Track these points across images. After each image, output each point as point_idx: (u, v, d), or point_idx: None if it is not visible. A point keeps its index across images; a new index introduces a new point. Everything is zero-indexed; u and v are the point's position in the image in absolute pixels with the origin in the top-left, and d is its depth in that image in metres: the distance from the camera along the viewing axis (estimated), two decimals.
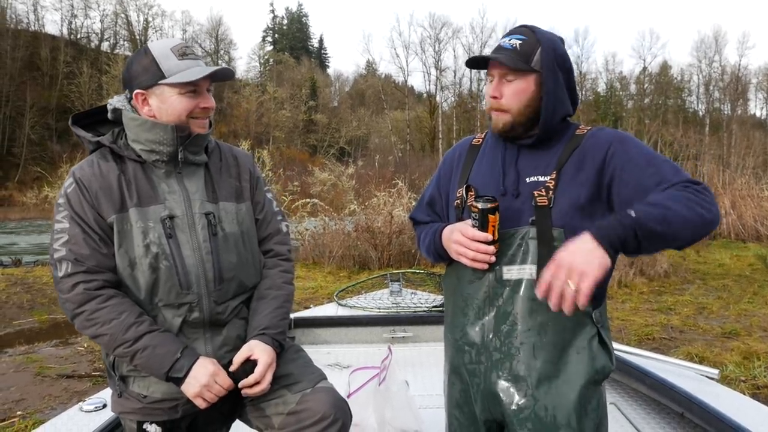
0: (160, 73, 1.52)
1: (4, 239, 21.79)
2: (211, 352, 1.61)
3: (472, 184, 1.54)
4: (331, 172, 24.52)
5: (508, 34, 1.48)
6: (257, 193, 1.78)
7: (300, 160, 44.53)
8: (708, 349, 5.52)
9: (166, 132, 1.55)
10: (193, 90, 1.56)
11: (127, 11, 62.56)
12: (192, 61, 1.56)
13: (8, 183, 46.96)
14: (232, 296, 1.65)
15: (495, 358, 1.47)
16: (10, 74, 50.88)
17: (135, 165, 1.59)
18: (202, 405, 1.55)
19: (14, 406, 4.44)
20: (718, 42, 53.45)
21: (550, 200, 1.41)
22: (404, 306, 3.88)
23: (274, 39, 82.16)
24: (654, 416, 2.47)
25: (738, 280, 9.37)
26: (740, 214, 14.95)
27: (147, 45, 1.58)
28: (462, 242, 1.44)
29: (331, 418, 1.57)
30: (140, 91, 1.56)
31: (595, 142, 1.45)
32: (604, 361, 1.46)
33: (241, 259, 1.66)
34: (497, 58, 1.43)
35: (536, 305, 1.42)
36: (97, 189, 1.53)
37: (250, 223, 1.72)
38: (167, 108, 1.55)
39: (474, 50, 57.64)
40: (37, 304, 8.03)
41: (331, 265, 10.91)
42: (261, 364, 1.57)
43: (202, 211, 1.60)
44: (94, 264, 1.50)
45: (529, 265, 1.42)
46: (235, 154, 1.78)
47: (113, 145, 1.58)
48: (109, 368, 1.62)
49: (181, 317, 1.57)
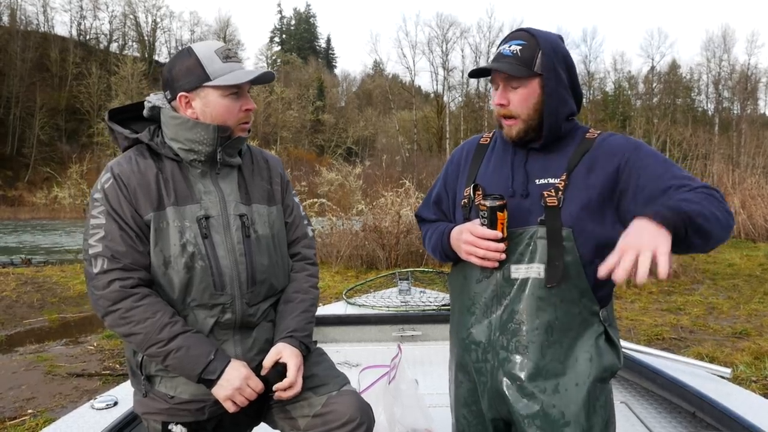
0: (205, 75, 1.52)
1: (15, 239, 21.96)
2: (241, 355, 1.60)
3: (479, 183, 1.55)
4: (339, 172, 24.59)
5: (507, 40, 1.47)
6: (287, 196, 1.78)
7: (307, 160, 44.62)
8: (718, 350, 5.48)
9: (207, 132, 1.54)
10: (236, 92, 1.56)
11: (136, 12, 63.01)
12: (236, 63, 1.56)
13: (18, 183, 47.36)
14: (263, 298, 1.65)
15: (501, 357, 1.47)
16: (20, 75, 51.34)
17: (172, 164, 1.58)
18: (231, 408, 1.54)
19: (25, 404, 4.47)
20: (726, 41, 53.10)
21: (560, 201, 1.42)
22: (413, 305, 3.87)
23: (282, 39, 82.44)
24: (665, 415, 2.45)
25: (748, 280, 9.30)
26: (750, 214, 14.86)
27: (191, 46, 1.57)
28: (472, 241, 1.44)
29: (357, 421, 1.57)
30: (184, 94, 1.55)
31: (608, 148, 1.45)
32: (611, 359, 1.46)
33: (272, 262, 1.66)
34: (500, 68, 1.43)
35: (543, 304, 1.42)
36: (135, 185, 1.51)
37: (280, 226, 1.72)
38: (211, 110, 1.55)
39: (482, 50, 57.51)
40: (48, 303, 8.09)
41: (339, 265, 10.93)
42: (292, 367, 1.57)
43: (236, 213, 1.60)
44: (130, 261, 1.49)
45: (536, 264, 1.42)
46: (266, 158, 1.79)
47: (151, 142, 1.58)
48: (135, 368, 1.60)
49: (213, 318, 1.56)
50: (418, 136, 58.17)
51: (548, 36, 1.46)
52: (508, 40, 1.48)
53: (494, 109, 1.51)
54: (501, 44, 1.48)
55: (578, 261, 1.41)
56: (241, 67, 1.57)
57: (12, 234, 24.51)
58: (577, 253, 1.40)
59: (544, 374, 1.43)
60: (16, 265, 11.29)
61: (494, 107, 1.50)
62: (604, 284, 1.45)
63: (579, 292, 1.42)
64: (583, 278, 1.42)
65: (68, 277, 9.50)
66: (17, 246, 18.81)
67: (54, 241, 20.14)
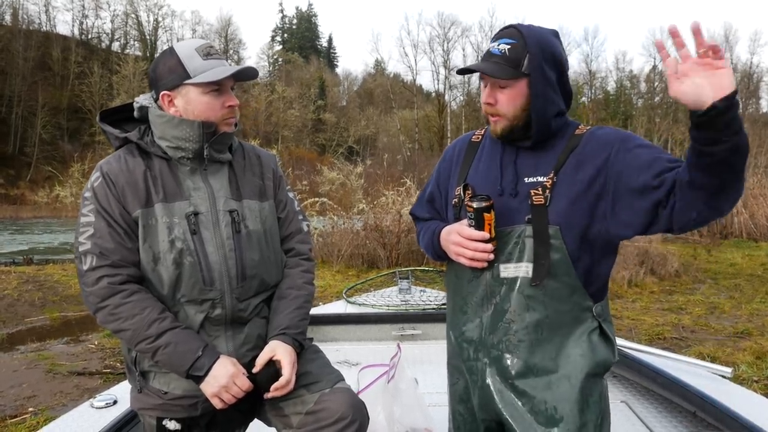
0: (186, 74, 1.54)
1: (16, 237, 21.99)
2: (233, 350, 1.61)
3: (469, 183, 1.55)
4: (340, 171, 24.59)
5: (497, 38, 1.46)
6: (280, 192, 1.79)
7: (308, 159, 44.64)
8: (720, 349, 5.48)
9: (192, 128, 1.56)
10: (216, 89, 1.57)
11: (138, 11, 63.00)
12: (216, 60, 1.57)
13: (20, 182, 47.40)
14: (254, 294, 1.66)
15: (493, 355, 1.48)
16: (22, 74, 51.35)
17: (161, 161, 1.60)
18: (219, 405, 1.55)
19: (26, 402, 4.48)
20: (729, 40, 52.98)
21: (547, 199, 1.42)
22: (413, 304, 3.87)
23: (283, 38, 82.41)
24: (666, 415, 2.45)
25: (750, 280, 9.29)
26: (752, 213, 14.83)
27: (173, 46, 1.59)
28: (460, 242, 1.45)
29: (349, 419, 1.57)
30: (166, 92, 1.57)
31: (596, 142, 1.44)
32: (605, 354, 1.46)
33: (264, 257, 1.67)
34: (485, 70, 1.42)
35: (532, 302, 1.42)
36: (123, 183, 1.54)
37: (272, 221, 1.72)
38: (193, 108, 1.57)
39: (483, 48, 57.34)
40: (49, 301, 8.10)
41: (340, 264, 10.93)
42: (286, 365, 1.58)
43: (226, 209, 1.61)
44: (119, 258, 1.51)
45: (525, 263, 1.43)
46: (258, 154, 1.80)
47: (140, 141, 1.60)
48: (130, 364, 1.62)
49: (203, 314, 1.57)
50: (419, 135, 58.16)
51: (538, 34, 1.43)
52: (498, 37, 1.47)
53: (482, 107, 1.51)
54: (492, 40, 1.48)
55: (567, 258, 1.40)
56: (222, 64, 1.58)
57: (14, 232, 24.54)
58: (565, 250, 1.40)
59: (535, 372, 1.43)
60: (18, 264, 11.30)
61: (482, 105, 1.50)
62: (596, 280, 1.46)
63: (569, 289, 1.42)
64: (572, 275, 1.41)
65: (69, 275, 9.51)
66: (19, 244, 18.83)
67: (55, 240, 20.16)
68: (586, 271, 1.43)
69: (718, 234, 14.37)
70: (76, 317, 7.60)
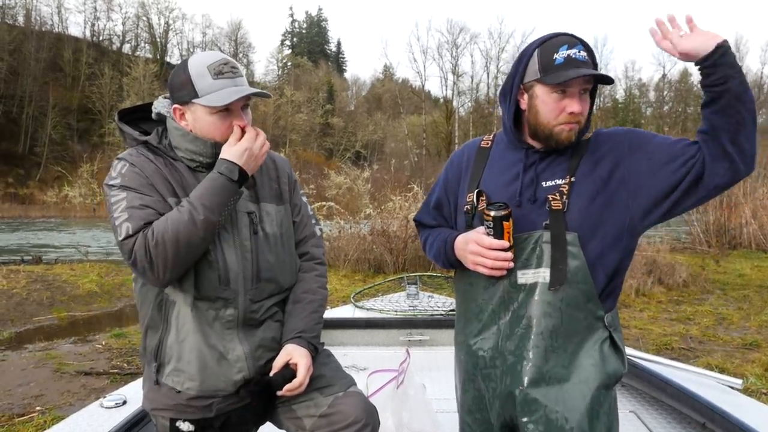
0: (194, 92, 1.52)
1: (25, 237, 22.13)
2: (249, 352, 1.60)
3: (483, 189, 1.53)
4: (347, 176, 24.59)
5: (572, 45, 1.40)
6: (294, 195, 1.80)
7: (316, 164, 44.74)
8: (728, 360, 5.43)
9: (206, 147, 1.57)
10: (225, 110, 1.54)
11: (149, 14, 63.58)
12: (228, 80, 1.52)
13: (30, 182, 47.78)
14: (268, 296, 1.66)
15: (510, 362, 1.47)
16: (33, 75, 51.86)
17: (180, 164, 1.60)
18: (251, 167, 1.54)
19: (33, 401, 4.50)
20: (740, 50, 52.78)
21: (564, 204, 1.42)
22: (421, 309, 3.87)
23: (293, 43, 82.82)
24: (675, 425, 2.43)
25: (759, 291, 9.21)
26: (761, 224, 14.70)
27: (187, 60, 1.57)
28: (479, 252, 1.44)
29: (362, 422, 1.58)
30: (178, 107, 1.58)
31: (609, 139, 1.49)
32: (616, 365, 1.46)
33: (279, 260, 1.67)
34: (605, 78, 1.42)
35: (550, 309, 1.42)
36: (151, 172, 1.53)
37: (288, 225, 1.73)
38: (201, 127, 1.56)
39: (492, 55, 57.35)
40: (57, 301, 8.15)
41: (347, 269, 10.93)
42: (302, 368, 1.59)
43: (244, 210, 1.61)
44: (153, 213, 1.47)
45: (543, 269, 1.42)
46: (273, 158, 1.80)
47: (159, 145, 1.60)
48: (149, 354, 1.61)
49: (215, 312, 1.57)
50: (426, 140, 58.18)
51: None
52: (572, 45, 1.40)
53: (560, 117, 1.42)
54: (567, 48, 1.40)
55: (584, 265, 1.41)
56: (234, 84, 1.53)
57: (23, 232, 24.70)
58: (583, 257, 1.40)
59: (547, 379, 1.43)
60: (27, 263, 11.37)
61: (563, 115, 1.42)
62: (611, 288, 1.46)
63: (585, 296, 1.42)
64: (589, 282, 1.41)
65: (78, 275, 9.56)
66: (28, 243, 18.95)
67: (64, 240, 20.27)
68: (605, 278, 1.44)
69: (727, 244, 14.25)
70: (84, 317, 7.64)
